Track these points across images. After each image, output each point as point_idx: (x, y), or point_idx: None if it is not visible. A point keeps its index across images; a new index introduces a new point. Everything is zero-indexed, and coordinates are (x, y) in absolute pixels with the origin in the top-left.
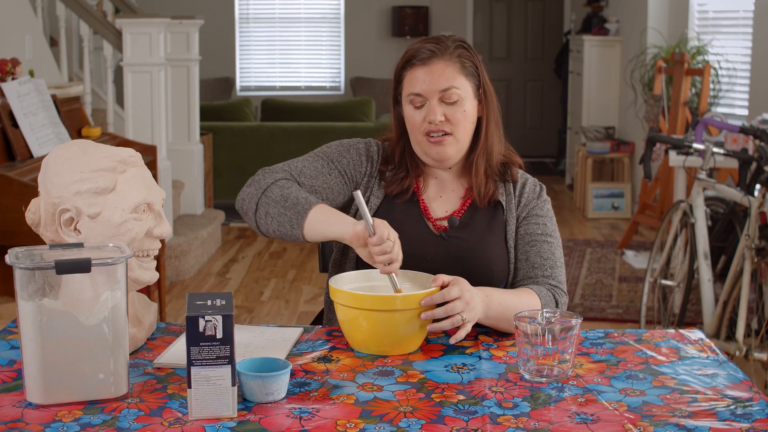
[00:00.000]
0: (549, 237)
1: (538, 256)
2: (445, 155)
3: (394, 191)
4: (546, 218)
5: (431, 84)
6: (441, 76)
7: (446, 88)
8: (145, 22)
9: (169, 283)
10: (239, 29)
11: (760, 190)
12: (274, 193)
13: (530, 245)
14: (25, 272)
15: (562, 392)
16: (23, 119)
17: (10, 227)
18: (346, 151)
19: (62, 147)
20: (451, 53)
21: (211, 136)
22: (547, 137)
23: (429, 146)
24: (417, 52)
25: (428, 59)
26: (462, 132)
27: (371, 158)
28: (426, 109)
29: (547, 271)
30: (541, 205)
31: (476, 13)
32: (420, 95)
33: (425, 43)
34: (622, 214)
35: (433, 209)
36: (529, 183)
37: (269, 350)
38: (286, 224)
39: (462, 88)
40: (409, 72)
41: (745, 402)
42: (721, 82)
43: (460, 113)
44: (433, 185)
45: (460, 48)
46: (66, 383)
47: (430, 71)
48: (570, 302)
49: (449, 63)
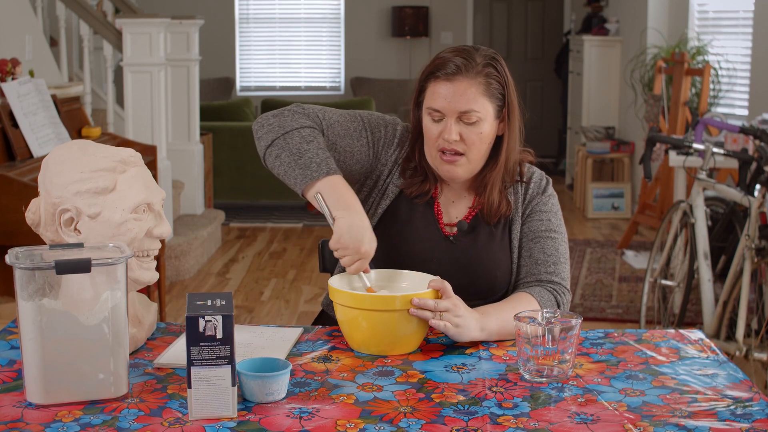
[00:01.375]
0: (553, 233)
1: (541, 252)
2: (455, 175)
3: (413, 193)
4: (551, 213)
5: (451, 102)
6: (462, 97)
7: (466, 110)
8: (145, 22)
9: (169, 283)
10: (239, 29)
11: (760, 190)
12: (293, 141)
13: (534, 242)
14: (25, 272)
15: (562, 392)
16: (23, 119)
17: (10, 227)
18: (384, 126)
19: (62, 147)
20: (478, 72)
21: (211, 136)
22: (547, 137)
23: (440, 163)
24: (444, 65)
25: (453, 75)
26: (475, 153)
27: (402, 144)
28: (443, 126)
29: (550, 268)
30: (545, 201)
31: (476, 13)
32: (439, 111)
33: (455, 55)
34: (622, 214)
35: (446, 212)
36: (534, 178)
37: (269, 350)
38: (290, 177)
39: (482, 111)
40: (433, 84)
41: (745, 402)
42: (721, 82)
43: (475, 134)
44: (448, 190)
45: (489, 66)
46: (66, 383)
47: (453, 89)
48: (570, 302)
49: (473, 83)
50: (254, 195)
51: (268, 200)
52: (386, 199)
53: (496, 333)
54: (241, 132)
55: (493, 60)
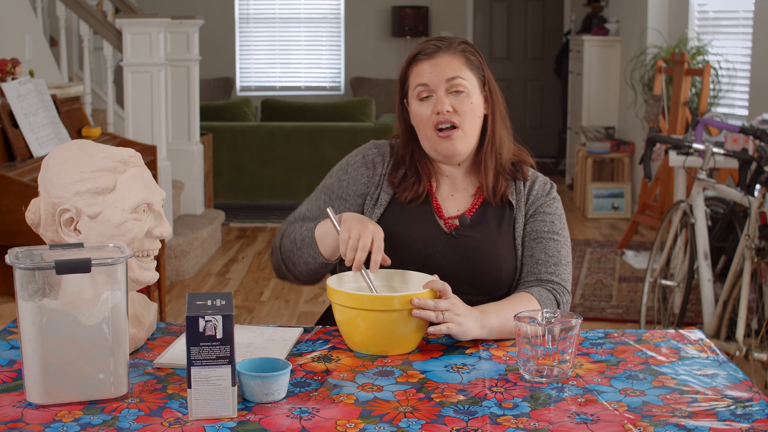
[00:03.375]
0: (556, 235)
1: (543, 252)
2: (454, 150)
3: (408, 197)
4: (554, 216)
5: (437, 74)
6: (447, 67)
7: (452, 77)
8: (145, 22)
9: (169, 283)
10: (239, 29)
11: (760, 190)
12: (285, 246)
13: (536, 242)
14: (25, 272)
15: (562, 392)
16: (23, 119)
17: (10, 227)
18: (344, 172)
19: (62, 147)
20: (456, 48)
21: (211, 136)
22: (547, 137)
23: (438, 141)
24: (422, 49)
25: (433, 53)
26: (469, 125)
27: (373, 163)
28: (433, 102)
29: (551, 268)
30: (549, 203)
31: (476, 13)
32: (426, 85)
33: (431, 41)
34: (622, 214)
35: (445, 208)
36: (539, 180)
37: (269, 350)
38: (310, 261)
39: (468, 80)
40: (415, 67)
41: (745, 402)
42: (721, 82)
43: (467, 105)
44: (445, 184)
45: (464, 44)
46: (66, 383)
47: (436, 63)
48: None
49: (454, 56)
50: (254, 195)
51: (268, 200)
52: (380, 207)
53: (496, 331)
54: (241, 132)
55: (467, 43)
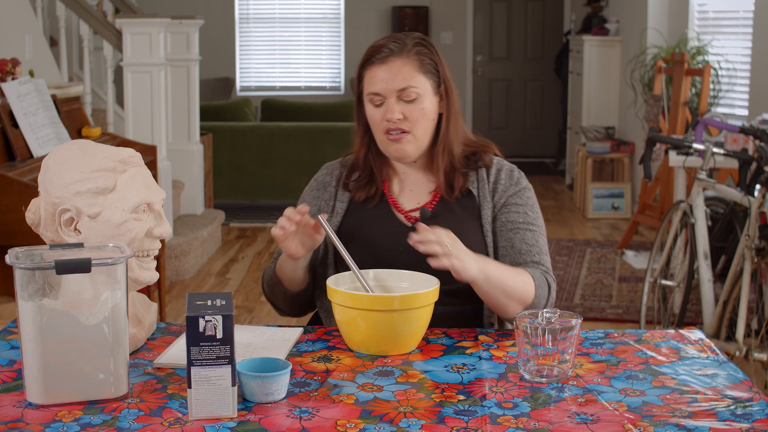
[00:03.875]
0: (532, 225)
1: (523, 242)
2: (403, 153)
3: (361, 198)
4: (527, 207)
5: (389, 83)
6: (398, 76)
7: (404, 87)
8: (145, 22)
9: (169, 283)
10: (239, 29)
11: (760, 190)
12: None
13: (513, 232)
14: (25, 272)
15: (562, 392)
16: (23, 119)
17: (10, 227)
18: (301, 201)
19: (62, 147)
20: (410, 50)
21: (211, 136)
22: (547, 137)
23: (388, 144)
24: (376, 51)
25: (387, 58)
26: (420, 130)
27: (323, 184)
28: (385, 108)
29: (535, 257)
30: (520, 194)
31: (476, 13)
32: (379, 94)
33: (386, 41)
34: (622, 214)
35: (402, 203)
36: (504, 169)
37: (269, 350)
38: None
39: (420, 86)
40: (369, 71)
41: (745, 402)
42: (721, 82)
43: (418, 111)
44: (402, 181)
45: (420, 45)
46: (66, 383)
47: (388, 70)
48: (570, 302)
49: (407, 61)
50: (254, 195)
51: (268, 200)
52: (337, 216)
53: (493, 279)
54: (241, 132)
55: (423, 40)
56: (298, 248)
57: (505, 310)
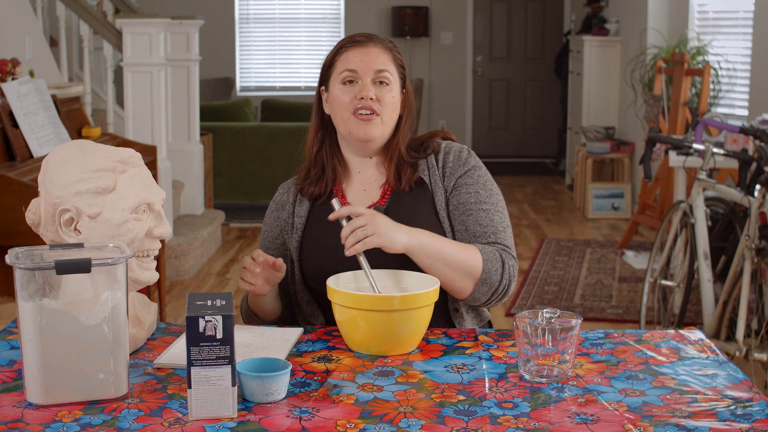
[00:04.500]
0: (484, 204)
1: (476, 224)
2: (370, 134)
3: (313, 193)
4: (477, 186)
5: (367, 63)
6: (377, 58)
7: (381, 69)
8: (145, 22)
9: (169, 283)
10: (239, 29)
11: (760, 191)
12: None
13: (466, 215)
14: (25, 272)
15: (562, 392)
16: (23, 119)
17: (10, 227)
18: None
19: (62, 147)
20: (385, 44)
21: (211, 136)
22: (547, 137)
23: (355, 124)
24: (351, 38)
25: (364, 43)
26: (388, 116)
27: (281, 203)
28: (357, 87)
29: (490, 238)
30: (470, 173)
31: (476, 13)
32: (354, 71)
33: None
34: (622, 214)
35: (357, 201)
36: (453, 151)
37: (269, 350)
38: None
39: (393, 75)
40: (344, 54)
41: (745, 402)
42: (721, 82)
43: (389, 97)
44: (354, 180)
45: (392, 43)
46: (66, 383)
47: (367, 52)
48: (570, 302)
49: (383, 50)
50: (254, 195)
51: (268, 200)
52: (297, 230)
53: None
54: (241, 132)
55: (393, 43)
56: (264, 287)
57: (454, 285)
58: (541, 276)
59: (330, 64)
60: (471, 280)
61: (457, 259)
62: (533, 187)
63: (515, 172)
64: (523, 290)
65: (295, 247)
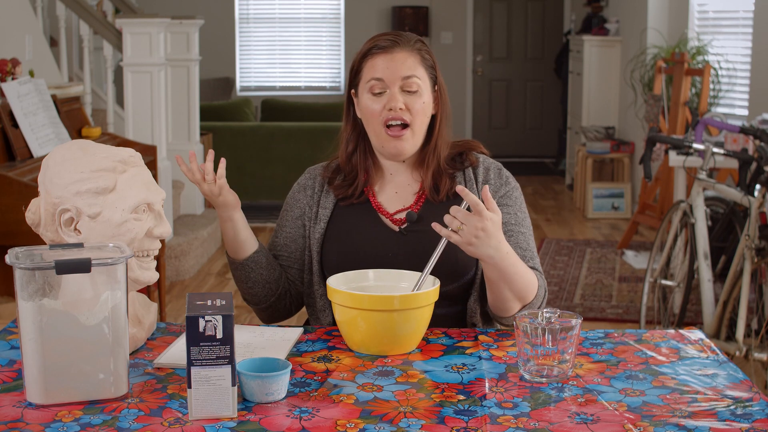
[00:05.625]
0: (522, 227)
1: (517, 247)
2: (402, 150)
3: (341, 195)
4: (516, 208)
5: (393, 71)
6: (403, 64)
7: (408, 75)
8: (145, 22)
9: (169, 283)
10: (239, 29)
11: (760, 190)
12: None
13: (507, 236)
14: (25, 272)
15: (562, 392)
16: (23, 119)
17: (10, 227)
18: (286, 205)
19: (62, 147)
20: (412, 45)
21: (211, 136)
22: (547, 137)
23: (387, 140)
24: (377, 42)
25: (390, 48)
26: (419, 124)
27: (308, 187)
28: (386, 97)
29: (530, 262)
30: (509, 194)
31: (476, 13)
32: (381, 80)
33: (386, 35)
34: (622, 214)
35: (386, 206)
36: (492, 168)
37: (269, 350)
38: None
39: (422, 79)
40: (370, 60)
41: (745, 402)
42: (721, 82)
43: (419, 104)
44: (387, 182)
45: (420, 42)
46: (66, 383)
47: (392, 59)
48: (570, 302)
49: (410, 53)
50: (254, 195)
51: (268, 200)
52: (321, 222)
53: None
54: (241, 132)
55: (422, 41)
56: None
57: (506, 304)
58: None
59: (357, 70)
60: (521, 303)
61: (519, 284)
62: (533, 187)
63: (515, 172)
64: None
65: (317, 239)
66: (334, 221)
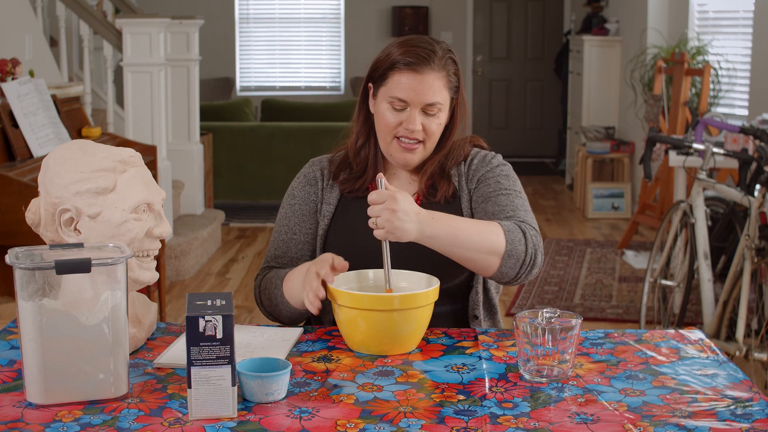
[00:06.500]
0: (504, 190)
1: (495, 205)
2: (411, 162)
3: (347, 188)
4: (499, 177)
5: (419, 94)
6: (429, 89)
7: (432, 102)
8: (145, 22)
9: (169, 283)
10: (239, 29)
11: (760, 190)
12: (266, 303)
13: (486, 202)
14: (25, 272)
15: (562, 392)
16: (23, 119)
17: (10, 227)
18: (292, 198)
19: (62, 147)
20: (442, 65)
21: (211, 136)
22: (547, 137)
23: (397, 150)
24: (408, 56)
25: (419, 66)
26: (432, 142)
27: (314, 179)
28: (405, 115)
29: (508, 213)
30: (492, 170)
31: (476, 13)
32: (404, 101)
33: (416, 46)
34: (622, 214)
35: None
36: (478, 156)
37: (269, 350)
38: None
39: (443, 102)
40: (397, 74)
41: (745, 402)
42: (721, 82)
43: (435, 125)
44: (390, 179)
45: (449, 59)
46: (66, 383)
47: (421, 81)
48: (570, 302)
49: (438, 75)
50: (254, 195)
51: (268, 200)
52: (325, 217)
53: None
54: (241, 132)
55: (451, 53)
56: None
57: (477, 265)
58: (541, 276)
59: (382, 76)
60: (496, 257)
61: (475, 242)
62: (533, 187)
63: (515, 172)
64: (523, 290)
65: (320, 235)
66: (336, 218)
